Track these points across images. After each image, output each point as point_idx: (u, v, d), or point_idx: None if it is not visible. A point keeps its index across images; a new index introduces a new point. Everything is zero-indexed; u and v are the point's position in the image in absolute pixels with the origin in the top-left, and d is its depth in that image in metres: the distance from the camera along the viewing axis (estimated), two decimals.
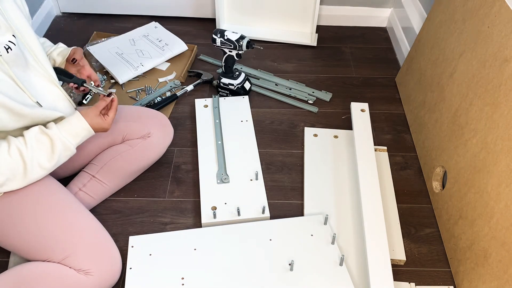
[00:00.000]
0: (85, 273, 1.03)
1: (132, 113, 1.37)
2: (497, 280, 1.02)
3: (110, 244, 1.12)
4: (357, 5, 2.07)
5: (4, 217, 1.06)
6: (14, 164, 1.01)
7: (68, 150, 1.09)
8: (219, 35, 1.56)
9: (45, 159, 1.05)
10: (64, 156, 1.09)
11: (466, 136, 1.23)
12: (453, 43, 1.37)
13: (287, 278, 1.12)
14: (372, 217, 1.20)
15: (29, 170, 1.03)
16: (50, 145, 1.06)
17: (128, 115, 1.35)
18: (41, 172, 1.06)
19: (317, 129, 1.57)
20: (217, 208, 1.28)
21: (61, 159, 1.08)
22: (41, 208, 1.08)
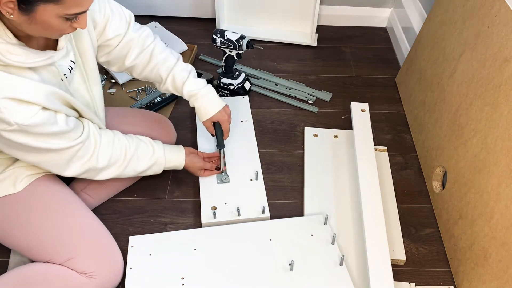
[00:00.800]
0: (87, 276, 1.04)
1: (135, 116, 1.37)
2: (497, 280, 1.02)
3: (113, 247, 1.12)
4: (357, 5, 2.07)
5: (10, 217, 1.07)
6: (117, 154, 1.11)
7: (157, 167, 1.21)
8: (219, 35, 1.56)
9: (140, 164, 1.17)
10: (151, 171, 1.21)
11: (466, 136, 1.23)
12: (453, 43, 1.37)
13: (287, 278, 1.12)
14: (372, 217, 1.20)
15: (125, 164, 1.14)
16: (150, 154, 1.19)
17: (131, 118, 1.36)
18: (132, 172, 1.17)
19: (317, 129, 1.57)
20: (217, 208, 1.28)
21: (147, 171, 1.20)
22: (46, 209, 1.09)
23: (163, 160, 1.22)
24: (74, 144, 1.01)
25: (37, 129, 0.91)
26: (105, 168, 1.11)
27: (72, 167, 1.05)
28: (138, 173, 1.19)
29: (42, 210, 1.08)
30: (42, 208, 1.08)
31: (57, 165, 1.03)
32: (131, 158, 1.14)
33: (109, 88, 1.71)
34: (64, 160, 1.03)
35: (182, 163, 1.27)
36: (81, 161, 1.06)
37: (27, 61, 0.88)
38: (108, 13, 1.13)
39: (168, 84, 1.25)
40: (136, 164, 1.16)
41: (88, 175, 1.10)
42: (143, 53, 1.22)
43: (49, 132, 0.94)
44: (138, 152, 1.16)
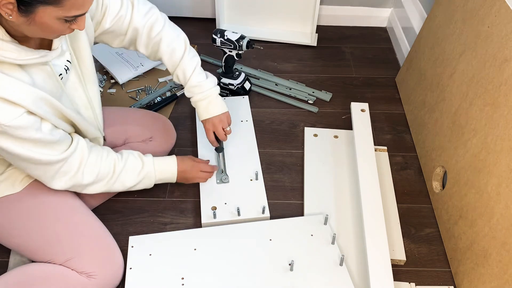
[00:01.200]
0: (87, 276, 1.03)
1: (135, 116, 1.37)
2: (497, 280, 1.02)
3: (114, 247, 1.12)
4: (357, 5, 2.07)
5: (9, 217, 1.07)
6: (105, 170, 1.10)
7: (147, 180, 1.19)
8: (219, 35, 1.56)
9: (129, 179, 1.15)
10: (141, 184, 1.19)
11: (466, 136, 1.23)
12: (453, 43, 1.37)
13: (287, 278, 1.12)
14: (372, 217, 1.20)
15: (113, 181, 1.12)
16: (139, 169, 1.16)
17: (131, 118, 1.36)
18: (120, 187, 1.15)
19: (317, 129, 1.57)
20: (217, 208, 1.28)
21: (138, 186, 1.18)
22: (46, 209, 1.09)
23: (153, 172, 1.19)
24: (57, 158, 0.99)
25: (19, 132, 0.88)
26: (91, 184, 1.09)
27: (57, 181, 1.04)
28: (127, 188, 1.16)
29: (42, 211, 1.08)
30: (42, 208, 1.08)
31: (43, 177, 1.03)
32: (119, 173, 1.12)
33: (109, 88, 1.71)
34: (48, 173, 1.02)
35: (174, 169, 1.23)
36: (65, 177, 1.04)
37: (19, 58, 0.86)
38: (106, 3, 1.10)
39: (175, 77, 1.25)
40: (125, 179, 1.14)
41: (74, 189, 1.09)
42: (150, 45, 1.20)
43: (31, 138, 0.91)
44: (127, 167, 1.14)
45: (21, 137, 0.90)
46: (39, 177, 1.03)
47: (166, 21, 1.23)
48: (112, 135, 1.28)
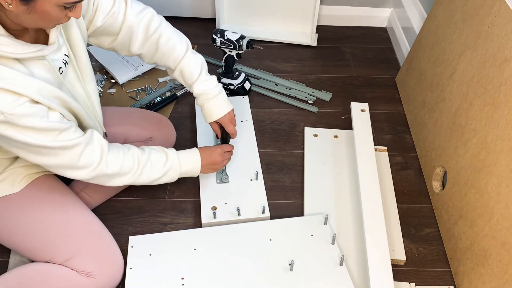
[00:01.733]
0: (87, 275, 1.03)
1: (134, 116, 1.37)
2: (497, 280, 1.02)
3: (113, 247, 1.12)
4: (357, 5, 2.07)
5: (9, 217, 1.07)
6: (129, 162, 1.08)
7: (173, 172, 1.16)
8: (219, 35, 1.56)
9: (155, 171, 1.12)
10: (167, 177, 1.15)
11: (466, 136, 1.23)
12: (453, 43, 1.37)
13: (287, 278, 1.12)
14: (372, 217, 1.20)
15: (138, 173, 1.10)
16: (164, 161, 1.14)
17: (131, 118, 1.36)
18: (146, 180, 1.12)
19: (317, 129, 1.57)
20: (217, 208, 1.28)
21: (163, 178, 1.15)
22: (46, 208, 1.09)
23: (178, 163, 1.16)
24: (73, 143, 0.96)
25: (24, 121, 0.86)
26: (116, 175, 1.06)
27: (82, 171, 1.01)
28: (152, 180, 1.13)
29: (42, 210, 1.08)
30: (42, 208, 1.08)
31: (66, 169, 1.00)
32: (144, 165, 1.10)
33: (109, 88, 1.71)
34: (70, 163, 0.98)
35: (198, 157, 1.19)
36: (89, 168, 1.01)
37: (16, 51, 0.85)
38: (97, 0, 1.08)
39: (177, 76, 1.22)
40: (151, 171, 1.11)
41: (98, 180, 1.06)
42: (148, 42, 1.16)
43: (38, 127, 0.89)
44: (151, 159, 1.12)
45: (28, 126, 0.87)
46: (63, 170, 1.00)
47: (162, 19, 1.21)
48: (112, 135, 1.28)
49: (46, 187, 1.11)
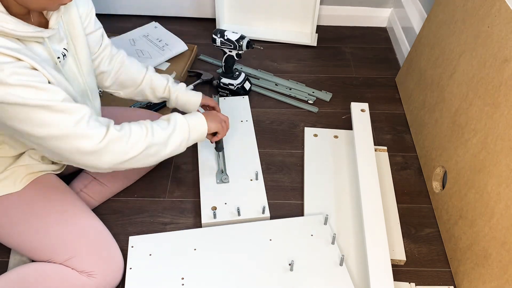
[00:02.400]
0: (87, 275, 1.04)
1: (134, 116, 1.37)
2: (497, 280, 1.02)
3: (113, 246, 1.12)
4: (357, 5, 2.07)
5: (9, 216, 1.07)
6: (136, 127, 1.02)
7: (182, 128, 1.09)
8: (219, 35, 1.56)
9: (164, 131, 1.05)
10: (178, 134, 1.08)
11: (466, 136, 1.23)
12: (453, 43, 1.37)
13: (287, 278, 1.12)
14: (372, 217, 1.20)
15: (150, 134, 1.02)
16: (167, 121, 1.09)
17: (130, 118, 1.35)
18: (161, 139, 1.04)
19: (317, 129, 1.57)
20: (217, 208, 1.28)
21: (175, 136, 1.07)
22: (46, 208, 1.09)
23: (182, 118, 1.10)
24: (76, 107, 0.91)
25: (24, 78, 0.84)
26: (130, 139, 0.99)
27: (89, 140, 0.93)
28: (167, 138, 1.05)
29: (42, 209, 1.08)
30: (42, 207, 1.08)
31: (68, 136, 0.91)
32: (151, 127, 1.04)
33: None
34: (71, 131, 0.90)
35: (200, 115, 1.15)
36: (98, 137, 0.94)
37: (17, 29, 0.86)
38: (91, 6, 1.14)
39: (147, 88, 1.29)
40: (160, 130, 1.05)
41: (113, 149, 0.96)
42: (112, 60, 1.25)
43: (39, 86, 0.86)
44: (156, 122, 1.07)
45: (28, 84, 0.84)
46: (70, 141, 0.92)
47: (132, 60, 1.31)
48: None
49: (47, 186, 1.11)
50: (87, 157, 0.94)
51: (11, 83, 0.83)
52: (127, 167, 1.02)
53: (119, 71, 1.26)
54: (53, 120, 0.89)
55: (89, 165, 0.97)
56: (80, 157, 0.94)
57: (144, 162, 1.04)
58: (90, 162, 0.96)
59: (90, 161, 0.95)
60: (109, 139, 0.95)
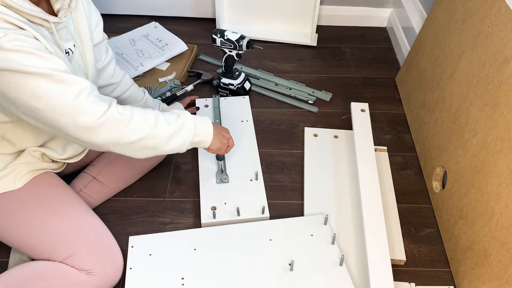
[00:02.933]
0: (87, 273, 1.04)
1: None
2: (497, 280, 1.02)
3: (113, 245, 1.12)
4: (357, 5, 2.07)
5: (9, 214, 1.07)
6: (139, 112, 0.98)
7: (188, 128, 1.06)
8: (219, 35, 1.56)
9: (170, 126, 1.02)
10: (184, 133, 1.05)
11: (466, 136, 1.23)
12: (453, 43, 1.37)
13: (287, 278, 1.12)
14: (372, 217, 1.20)
15: (153, 123, 0.99)
16: (176, 116, 1.05)
17: None
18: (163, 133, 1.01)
19: (317, 129, 1.57)
20: (216, 208, 1.28)
21: (180, 135, 1.04)
22: (46, 206, 1.09)
23: (192, 119, 1.08)
24: (77, 79, 0.88)
25: (25, 45, 0.83)
26: (130, 123, 0.95)
27: (89, 115, 0.89)
28: (170, 135, 1.02)
29: (42, 207, 1.08)
30: (42, 205, 1.08)
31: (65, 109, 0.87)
32: (157, 117, 1.01)
33: None
34: (69, 104, 0.87)
35: (210, 123, 1.13)
36: (98, 112, 0.90)
37: (24, 5, 0.87)
38: (100, 18, 1.20)
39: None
40: (165, 124, 1.02)
41: (112, 129, 0.93)
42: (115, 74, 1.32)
43: (40, 54, 0.85)
44: (164, 114, 1.03)
45: (28, 51, 0.83)
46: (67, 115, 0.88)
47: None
48: None
49: (47, 184, 1.11)
50: (82, 132, 0.91)
51: (12, 48, 0.82)
52: (122, 152, 0.99)
53: (122, 87, 1.34)
54: (52, 90, 0.86)
55: (84, 140, 0.93)
56: (75, 130, 0.90)
57: (140, 153, 1.01)
58: (85, 137, 0.92)
59: (85, 136, 0.92)
60: (108, 117, 0.92)
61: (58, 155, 1.13)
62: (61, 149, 1.14)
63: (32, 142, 1.08)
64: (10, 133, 1.05)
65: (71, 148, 1.16)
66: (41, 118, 0.89)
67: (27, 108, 0.88)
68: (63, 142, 1.14)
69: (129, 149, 0.99)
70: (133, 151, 1.00)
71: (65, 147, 1.15)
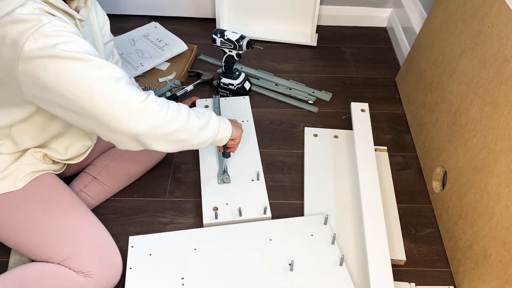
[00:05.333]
0: (85, 275, 1.03)
1: None
2: (497, 280, 1.02)
3: (112, 247, 1.12)
4: (357, 5, 2.07)
5: (9, 214, 1.07)
6: (174, 104, 0.99)
7: (214, 122, 1.08)
8: (219, 35, 1.56)
9: (199, 119, 1.03)
10: (210, 127, 1.06)
11: (466, 136, 1.23)
12: (453, 43, 1.37)
13: (287, 278, 1.12)
14: (372, 217, 1.20)
15: (186, 116, 1.00)
16: (202, 111, 1.07)
17: None
18: (196, 124, 1.02)
19: (317, 129, 1.57)
20: (218, 209, 1.28)
21: (208, 128, 1.06)
22: (45, 207, 1.09)
23: (215, 115, 1.10)
24: (115, 68, 0.90)
25: (62, 29, 0.86)
26: (167, 113, 0.95)
27: (129, 102, 0.89)
28: (201, 127, 1.04)
29: (41, 209, 1.08)
30: (41, 206, 1.08)
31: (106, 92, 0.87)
32: (188, 111, 1.02)
33: None
34: (110, 88, 0.88)
35: (229, 125, 1.16)
36: (138, 99, 0.90)
37: (58, 0, 0.90)
38: (106, 18, 1.23)
39: None
40: (195, 118, 1.03)
41: (152, 118, 0.92)
42: None
43: (79, 42, 0.87)
44: (193, 109, 1.06)
45: (69, 39, 0.86)
46: (109, 101, 0.88)
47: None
48: None
49: (47, 185, 1.11)
50: (121, 119, 0.89)
51: (55, 34, 0.84)
52: (154, 144, 0.97)
53: None
54: (93, 74, 0.86)
55: (121, 130, 0.91)
56: (114, 118, 0.89)
57: (172, 147, 1.01)
58: (123, 125, 0.90)
59: (123, 124, 0.90)
60: (147, 104, 0.91)
61: (60, 155, 1.13)
62: (63, 149, 1.14)
63: (36, 141, 1.08)
64: (18, 132, 1.04)
65: (73, 149, 1.16)
66: (79, 107, 0.88)
67: (66, 98, 0.86)
68: (65, 143, 1.14)
69: (163, 141, 0.97)
70: (166, 144, 0.99)
71: (68, 148, 1.15)
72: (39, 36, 0.83)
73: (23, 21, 0.83)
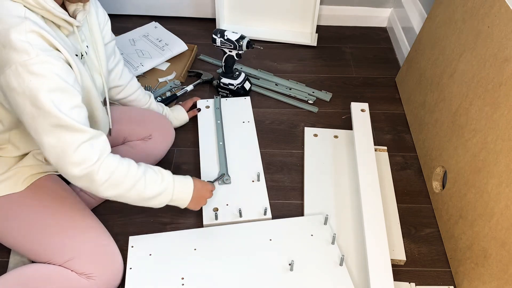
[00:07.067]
0: (86, 277, 1.03)
1: (134, 115, 1.38)
2: (497, 280, 1.02)
3: (113, 248, 1.12)
4: (357, 5, 2.07)
5: (11, 216, 1.07)
6: (121, 173, 0.99)
7: (165, 197, 1.08)
8: (219, 35, 1.56)
9: (147, 190, 1.04)
10: (156, 201, 1.07)
11: (466, 136, 1.23)
12: (453, 43, 1.37)
13: (287, 278, 1.12)
14: (372, 217, 1.20)
15: (129, 186, 1.01)
16: (159, 182, 1.06)
17: (130, 117, 1.36)
18: (134, 196, 1.03)
19: (317, 129, 1.57)
20: (218, 210, 1.28)
21: (153, 200, 1.07)
22: (47, 209, 1.09)
23: (172, 187, 1.09)
24: (80, 127, 0.91)
25: (46, 67, 0.86)
26: (105, 183, 0.97)
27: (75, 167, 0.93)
28: (142, 199, 1.05)
29: (43, 210, 1.08)
30: (43, 208, 1.08)
31: (56, 150, 0.91)
32: (137, 181, 1.02)
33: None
34: (63, 147, 0.91)
35: (191, 187, 1.13)
36: (84, 165, 0.93)
37: (57, 8, 0.91)
38: (107, 18, 1.24)
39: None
40: (143, 189, 1.03)
41: (87, 182, 0.96)
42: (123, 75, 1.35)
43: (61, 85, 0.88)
44: (146, 176, 1.04)
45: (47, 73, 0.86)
46: (56, 157, 0.92)
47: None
48: (112, 133, 1.29)
49: (48, 187, 1.11)
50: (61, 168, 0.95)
51: (39, 73, 0.85)
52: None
53: (128, 89, 1.38)
54: (52, 128, 0.89)
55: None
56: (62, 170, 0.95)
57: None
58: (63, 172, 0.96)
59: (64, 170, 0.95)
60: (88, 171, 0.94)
61: None
62: None
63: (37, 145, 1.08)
64: (16, 137, 1.05)
65: None
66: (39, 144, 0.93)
67: (24, 125, 0.92)
68: None
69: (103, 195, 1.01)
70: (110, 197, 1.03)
71: None
72: (22, 71, 0.84)
73: (10, 47, 0.84)
